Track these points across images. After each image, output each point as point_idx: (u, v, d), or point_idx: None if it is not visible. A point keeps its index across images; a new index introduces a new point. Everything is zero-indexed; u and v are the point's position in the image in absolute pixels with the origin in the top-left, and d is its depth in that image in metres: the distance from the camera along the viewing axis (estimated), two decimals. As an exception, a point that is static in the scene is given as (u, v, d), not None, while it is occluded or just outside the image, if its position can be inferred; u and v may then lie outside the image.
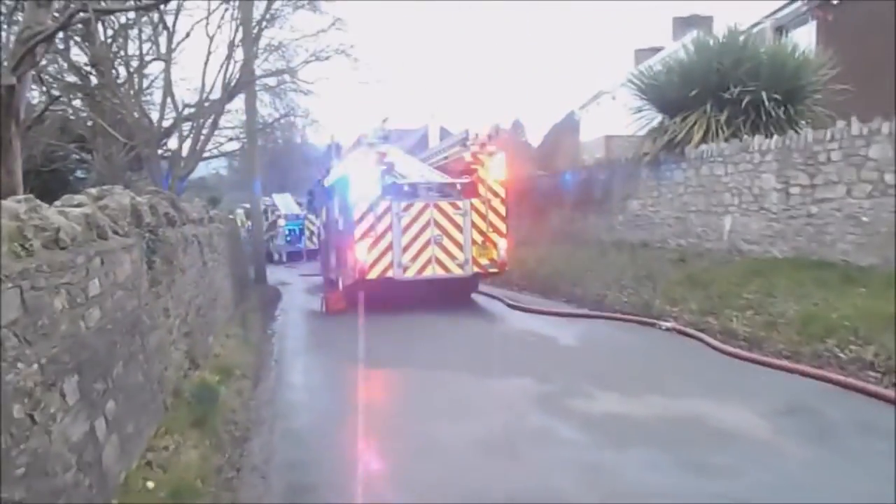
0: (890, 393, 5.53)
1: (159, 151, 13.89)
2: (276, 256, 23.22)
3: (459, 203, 11.07)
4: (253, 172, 17.10)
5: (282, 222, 24.75)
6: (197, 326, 6.45)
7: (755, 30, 15.11)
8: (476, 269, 11.05)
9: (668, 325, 8.60)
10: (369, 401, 6.17)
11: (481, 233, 11.06)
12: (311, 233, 26.27)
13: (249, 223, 19.80)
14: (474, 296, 12.22)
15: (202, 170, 23.67)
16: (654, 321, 8.89)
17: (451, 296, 11.39)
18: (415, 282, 10.82)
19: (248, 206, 20.78)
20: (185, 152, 13.32)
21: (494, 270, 11.15)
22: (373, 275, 10.65)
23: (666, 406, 5.58)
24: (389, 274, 10.70)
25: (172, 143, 15.09)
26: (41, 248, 3.03)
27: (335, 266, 13.27)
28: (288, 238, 26.17)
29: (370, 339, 8.26)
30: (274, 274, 18.16)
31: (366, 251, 10.64)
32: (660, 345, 7.94)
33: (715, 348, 7.41)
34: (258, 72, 15.98)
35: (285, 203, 27.93)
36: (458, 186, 11.25)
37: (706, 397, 5.74)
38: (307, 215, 25.80)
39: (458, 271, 10.97)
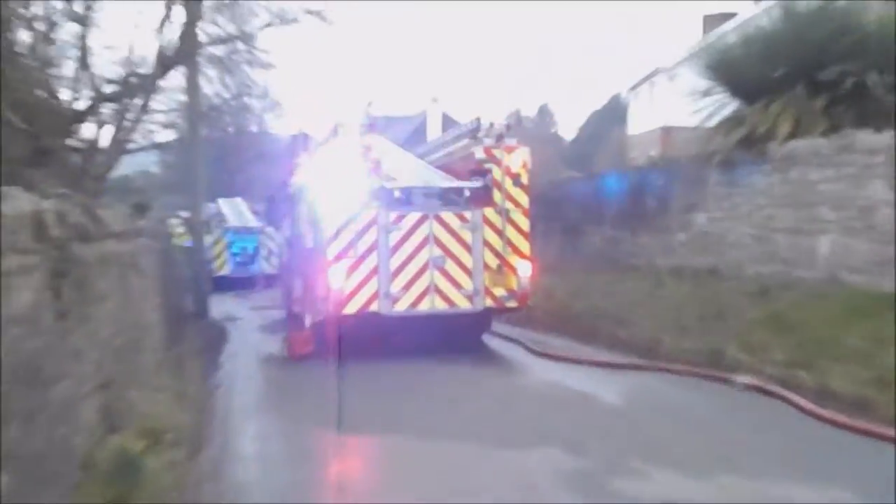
0: None
1: (71, 142, 13.98)
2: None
3: (468, 214, 11.27)
4: (194, 170, 17.16)
5: (209, 239, 24.39)
6: (117, 375, 6.45)
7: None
8: (489, 303, 11.22)
9: (746, 380, 8.64)
10: (345, 480, 6.20)
11: (497, 254, 11.27)
12: (270, 252, 26.26)
13: (189, 238, 19.91)
14: (486, 338, 12.45)
15: (127, 166, 23.85)
16: (727, 375, 8.89)
17: (456, 337, 11.55)
18: (407, 318, 10.99)
19: (187, 214, 20.92)
20: (105, 143, 13.41)
21: (513, 304, 11.31)
22: (352, 308, 10.81)
23: (743, 489, 5.55)
24: (374, 308, 10.89)
25: (88, 130, 15.18)
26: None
27: (301, 296, 13.45)
28: (238, 259, 26.44)
29: (348, 395, 8.28)
30: (220, 306, 18.45)
31: (343, 277, 10.80)
32: (734, 407, 7.92)
33: (807, 412, 7.39)
34: (203, 38, 16.17)
35: (235, 211, 27.92)
36: (467, 192, 11.43)
37: (796, 478, 5.72)
38: (264, 228, 25.80)
39: (465, 305, 11.15)
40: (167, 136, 20.05)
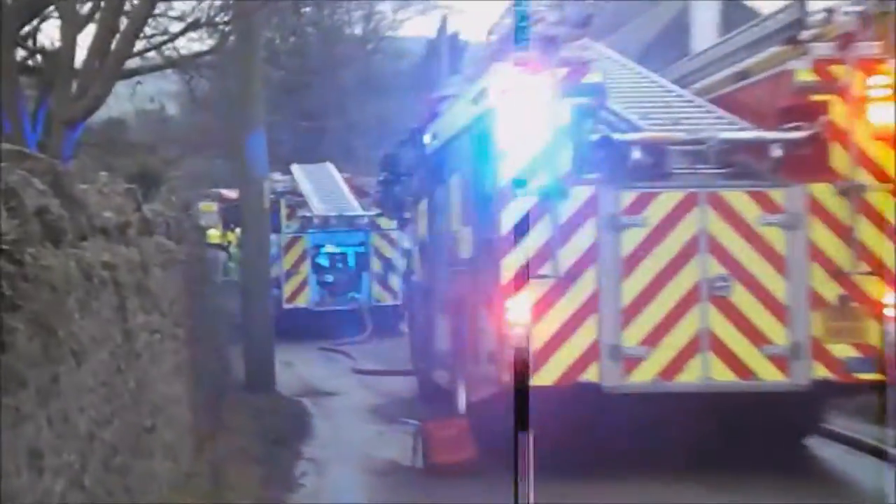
0: None
1: (19, 54, 14.21)
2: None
3: (777, 195, 11.37)
4: (246, 112, 17.54)
5: (276, 242, 24.38)
6: (108, 497, 6.52)
7: None
8: (822, 373, 11.17)
9: None
10: None
11: (838, 276, 11.23)
12: (388, 266, 27.24)
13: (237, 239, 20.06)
14: (814, 442, 12.46)
15: (122, 103, 24.05)
16: None
17: (755, 441, 11.46)
18: (655, 399, 11.19)
19: (232, 194, 21.09)
20: (78, 59, 13.58)
21: (873, 376, 11.11)
22: (548, 376, 10.98)
23: None
24: (590, 376, 11.11)
25: (48, 32, 15.34)
26: None
27: (450, 352, 13.99)
28: (329, 279, 27.38)
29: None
30: (295, 368, 19.13)
31: (532, 316, 10.83)
32: None
33: None
34: None
35: (324, 189, 28.71)
36: (777, 151, 11.49)
37: None
38: (378, 222, 26.78)
39: (772, 375, 11.19)
40: (196, 44, 20.22)
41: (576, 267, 11.12)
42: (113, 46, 13.26)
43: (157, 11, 15.87)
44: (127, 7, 13.85)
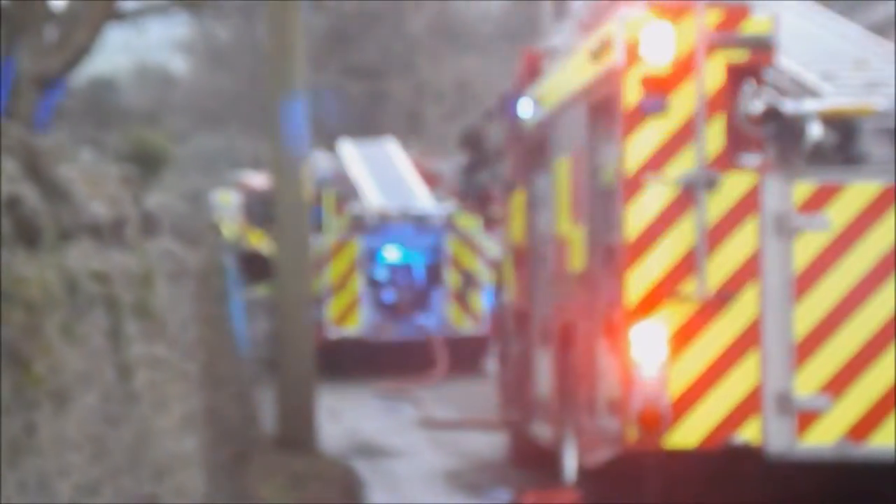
0: None
1: None
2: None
3: None
4: (281, 67, 15.83)
5: (319, 246, 22.54)
6: None
7: None
8: None
9: None
10: None
11: None
12: (470, 281, 24.73)
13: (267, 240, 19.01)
14: None
15: (111, 55, 22.94)
16: None
17: None
18: (839, 470, 9.74)
19: (255, 179, 20.37)
20: None
21: None
22: (689, 434, 9.70)
23: None
24: (746, 435, 9.73)
25: None
26: None
27: (554, 398, 12.48)
28: (388, 295, 24.30)
29: None
30: (344, 416, 17.45)
31: (665, 351, 9.68)
32: None
33: None
34: None
35: (384, 174, 26.21)
36: None
37: None
38: (452, 218, 24.49)
39: None
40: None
41: (730, 284, 9.81)
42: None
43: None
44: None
